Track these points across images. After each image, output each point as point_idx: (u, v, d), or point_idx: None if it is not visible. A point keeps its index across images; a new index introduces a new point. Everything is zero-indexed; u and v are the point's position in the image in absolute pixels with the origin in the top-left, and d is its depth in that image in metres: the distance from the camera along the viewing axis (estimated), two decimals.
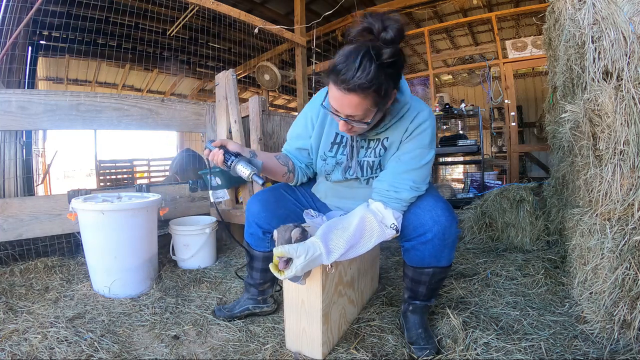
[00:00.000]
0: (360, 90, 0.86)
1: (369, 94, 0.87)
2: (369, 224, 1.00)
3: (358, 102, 0.88)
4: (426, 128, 1.04)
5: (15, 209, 1.89)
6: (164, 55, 6.19)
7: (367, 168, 1.13)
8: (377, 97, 0.89)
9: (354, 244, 0.99)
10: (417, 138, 1.04)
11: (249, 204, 1.24)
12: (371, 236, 1.00)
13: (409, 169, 1.04)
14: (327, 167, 1.18)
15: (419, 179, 1.05)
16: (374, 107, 0.92)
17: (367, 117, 0.94)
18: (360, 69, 0.84)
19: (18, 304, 1.46)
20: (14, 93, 1.92)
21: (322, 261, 0.94)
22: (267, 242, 1.25)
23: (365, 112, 0.92)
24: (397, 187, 1.03)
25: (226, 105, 2.40)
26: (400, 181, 1.03)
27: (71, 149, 6.35)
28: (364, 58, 0.84)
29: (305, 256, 0.90)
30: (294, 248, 0.91)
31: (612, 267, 1.09)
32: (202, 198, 2.53)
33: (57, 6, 3.63)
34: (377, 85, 0.86)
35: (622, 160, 1.09)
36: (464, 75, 5.32)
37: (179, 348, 1.17)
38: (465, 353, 1.06)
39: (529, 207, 2.11)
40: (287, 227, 1.00)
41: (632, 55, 1.07)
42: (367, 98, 0.88)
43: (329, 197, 1.29)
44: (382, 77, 0.86)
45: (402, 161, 1.05)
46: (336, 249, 0.95)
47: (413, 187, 1.03)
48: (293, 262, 0.90)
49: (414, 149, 1.04)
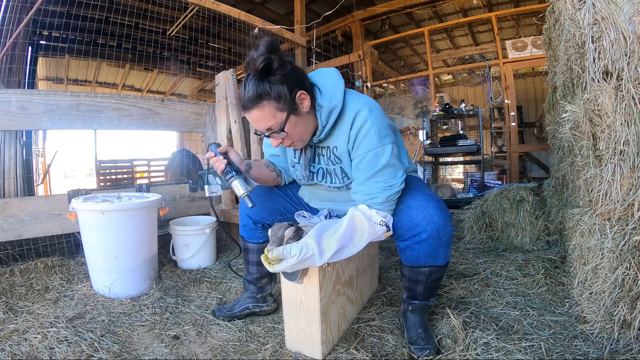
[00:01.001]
0: (251, 103, 0.96)
1: (262, 103, 0.96)
2: (359, 222, 1.01)
3: (258, 113, 0.98)
4: (368, 129, 1.01)
5: (15, 209, 1.89)
6: (164, 55, 6.19)
7: (333, 176, 1.15)
8: (275, 103, 0.96)
9: (346, 243, 0.99)
10: (362, 143, 1.02)
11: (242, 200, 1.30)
12: (362, 234, 1.01)
13: (372, 174, 1.02)
14: (297, 173, 1.23)
15: (388, 177, 1.03)
16: (281, 112, 0.98)
17: (281, 125, 0.99)
18: (246, 87, 0.96)
19: (18, 304, 1.46)
20: (14, 93, 1.92)
21: (314, 262, 0.95)
22: (259, 233, 1.33)
23: (274, 120, 0.98)
24: (370, 193, 1.02)
25: (226, 105, 2.41)
26: (370, 188, 1.03)
27: (71, 149, 6.36)
28: (246, 80, 0.97)
29: (298, 256, 0.92)
30: (287, 249, 0.93)
31: (612, 267, 1.09)
32: (202, 198, 2.53)
33: (57, 6, 3.63)
34: (265, 92, 0.95)
35: (622, 160, 1.09)
36: (464, 75, 5.33)
37: (179, 348, 1.17)
38: (465, 353, 1.05)
39: (529, 207, 2.11)
40: (281, 225, 1.01)
41: (632, 55, 1.07)
42: (264, 107, 0.96)
43: (313, 201, 1.33)
44: (267, 83, 0.95)
45: (362, 169, 1.04)
46: (328, 248, 0.96)
47: (385, 188, 1.02)
48: (285, 261, 0.93)
49: (366, 153, 1.02)
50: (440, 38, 6.17)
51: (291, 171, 1.27)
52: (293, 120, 1.00)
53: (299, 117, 1.01)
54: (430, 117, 4.15)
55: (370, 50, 4.94)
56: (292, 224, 1.02)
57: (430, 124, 4.18)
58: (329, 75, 1.08)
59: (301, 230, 1.02)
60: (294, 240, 0.97)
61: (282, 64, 0.96)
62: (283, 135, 1.02)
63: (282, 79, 0.96)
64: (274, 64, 0.94)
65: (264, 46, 0.94)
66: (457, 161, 4.66)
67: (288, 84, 0.97)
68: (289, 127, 1.00)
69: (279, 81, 0.95)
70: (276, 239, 0.99)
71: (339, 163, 1.12)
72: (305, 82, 1.03)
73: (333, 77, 1.08)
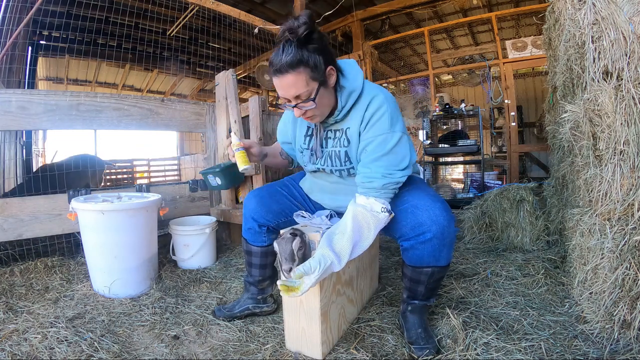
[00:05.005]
0: (290, 67, 0.96)
1: (299, 69, 0.96)
2: (363, 217, 1.01)
3: (294, 79, 0.97)
4: (383, 113, 1.03)
5: (15, 209, 1.89)
6: (164, 55, 6.19)
7: (335, 158, 1.15)
8: (310, 71, 0.97)
9: (357, 240, 1.00)
10: (375, 126, 1.04)
11: (246, 201, 1.32)
12: (369, 227, 1.01)
13: (376, 157, 1.03)
14: (304, 158, 1.24)
15: (390, 164, 1.03)
16: (313, 81, 0.99)
17: (312, 94, 1.00)
18: (284, 52, 0.96)
19: (18, 304, 1.46)
20: (14, 93, 1.92)
21: (335, 269, 0.95)
22: (264, 236, 1.31)
23: (307, 88, 0.99)
24: (370, 176, 1.03)
25: (226, 105, 2.41)
26: (371, 171, 1.04)
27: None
28: (285, 44, 0.97)
29: (319, 269, 0.91)
30: (307, 266, 0.91)
31: (612, 267, 1.09)
32: (202, 198, 2.53)
33: (57, 6, 3.63)
34: (304, 59, 0.96)
35: (622, 160, 1.09)
36: (464, 75, 5.33)
37: (179, 348, 1.17)
38: (465, 353, 1.05)
39: (529, 207, 2.11)
40: (285, 239, 0.99)
41: (632, 55, 1.07)
42: (301, 73, 0.97)
43: (313, 192, 1.33)
44: (306, 51, 0.96)
45: (368, 151, 1.05)
46: (343, 252, 0.96)
47: (385, 175, 1.02)
48: (308, 277, 0.91)
49: (376, 137, 1.04)
50: (440, 38, 6.17)
51: (298, 157, 1.28)
52: (321, 92, 1.02)
53: (326, 90, 1.03)
54: (430, 117, 4.15)
55: (370, 50, 4.95)
56: (293, 232, 1.01)
57: (430, 124, 4.18)
58: (351, 63, 1.12)
59: (304, 234, 1.01)
60: (302, 251, 0.97)
61: (321, 36, 0.99)
62: (311, 106, 1.02)
63: (320, 49, 0.98)
64: (315, 34, 0.97)
65: (305, 16, 0.96)
66: (457, 161, 4.66)
67: (324, 56, 0.99)
68: (318, 97, 1.01)
69: (316, 51, 0.97)
70: (287, 255, 0.97)
71: (346, 146, 1.12)
72: (335, 60, 1.06)
73: (355, 65, 1.12)
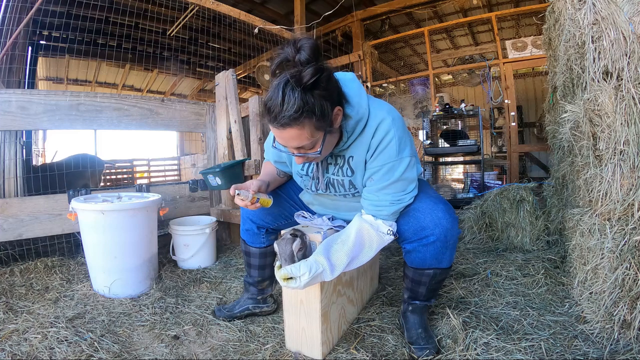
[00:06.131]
0: (293, 121, 0.82)
1: (303, 122, 0.83)
2: (367, 234, 1.00)
3: (297, 133, 0.85)
4: (390, 140, 0.95)
5: (15, 209, 1.89)
6: (164, 55, 6.19)
7: (339, 186, 1.09)
8: (315, 122, 0.84)
9: (356, 255, 0.99)
10: (382, 154, 0.97)
11: None
12: (371, 245, 1.01)
13: (384, 186, 1.00)
14: (305, 183, 1.17)
15: (398, 190, 1.00)
16: (318, 132, 0.87)
17: (316, 145, 0.90)
18: (285, 101, 0.81)
19: (18, 304, 1.46)
20: (14, 93, 1.92)
21: (325, 278, 0.94)
22: (262, 238, 1.30)
23: (311, 139, 0.88)
24: (378, 205, 1.01)
25: (226, 105, 2.41)
26: (378, 199, 1.01)
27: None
28: (285, 88, 0.81)
29: (309, 274, 0.91)
30: (296, 268, 0.91)
31: (612, 267, 1.09)
32: (202, 198, 2.53)
33: (57, 6, 3.63)
34: (309, 111, 0.82)
35: (622, 160, 1.09)
36: (464, 75, 5.32)
37: (179, 348, 1.17)
38: (465, 353, 1.05)
39: (529, 207, 2.11)
40: (286, 239, 0.99)
41: (632, 55, 1.08)
42: (305, 126, 0.84)
43: (314, 205, 1.31)
44: (312, 100, 0.82)
45: (375, 180, 1.01)
46: (339, 263, 0.96)
47: (394, 202, 1.00)
48: (297, 279, 0.91)
49: (382, 166, 0.97)
50: (440, 38, 6.18)
51: (297, 180, 1.20)
52: (327, 139, 0.91)
53: (331, 136, 0.93)
54: (430, 117, 4.15)
55: (370, 50, 4.94)
56: (294, 233, 1.01)
57: (430, 124, 4.18)
58: (350, 82, 0.98)
59: (305, 235, 1.02)
60: (302, 252, 0.97)
61: (329, 77, 0.85)
62: (315, 156, 0.92)
63: (326, 94, 0.85)
64: (323, 77, 0.82)
65: (309, 50, 0.81)
66: (457, 161, 4.66)
67: (330, 100, 0.86)
68: (324, 146, 0.90)
69: (323, 97, 0.83)
70: (287, 256, 0.97)
71: (350, 176, 1.05)
72: (341, 93, 0.93)
73: (355, 83, 0.98)
